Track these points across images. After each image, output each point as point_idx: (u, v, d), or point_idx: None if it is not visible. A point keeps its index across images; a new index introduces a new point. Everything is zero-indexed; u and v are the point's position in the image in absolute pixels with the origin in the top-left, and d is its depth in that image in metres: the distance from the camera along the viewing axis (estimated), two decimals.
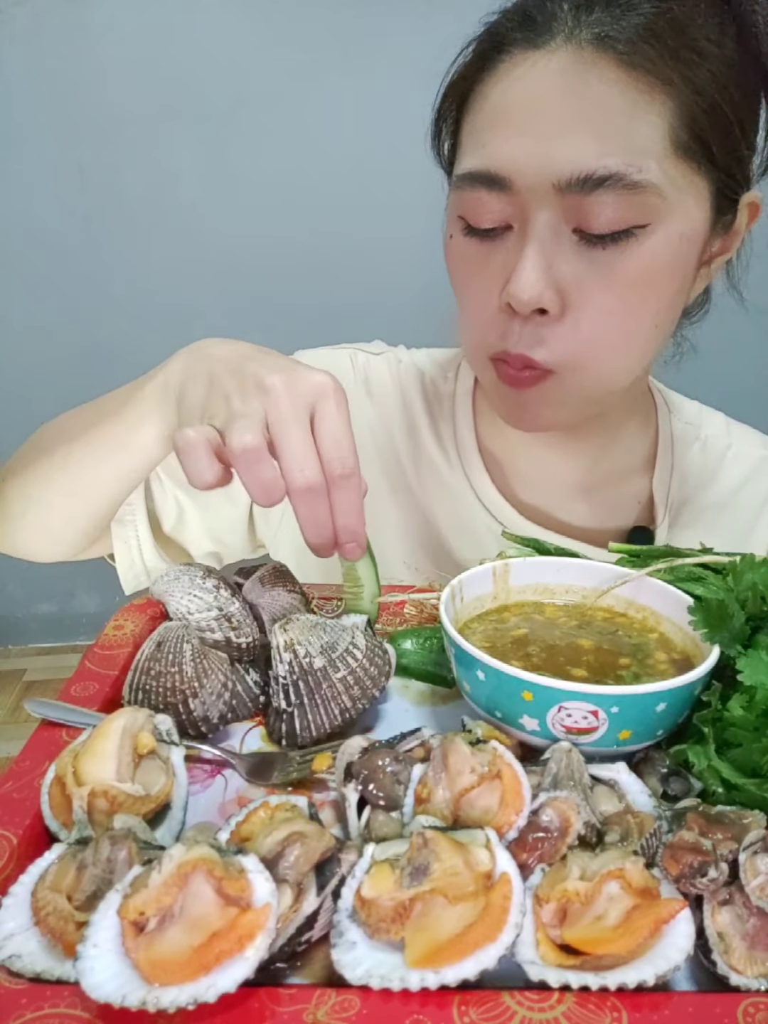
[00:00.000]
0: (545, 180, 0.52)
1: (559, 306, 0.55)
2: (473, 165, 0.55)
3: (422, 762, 0.41)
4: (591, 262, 0.54)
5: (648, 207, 0.52)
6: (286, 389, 0.46)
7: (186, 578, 0.52)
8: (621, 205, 0.51)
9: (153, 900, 0.31)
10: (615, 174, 0.50)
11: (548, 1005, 0.30)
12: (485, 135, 0.55)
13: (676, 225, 0.54)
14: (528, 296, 0.54)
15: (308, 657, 0.48)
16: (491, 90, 0.55)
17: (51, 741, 0.45)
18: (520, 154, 0.52)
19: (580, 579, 0.54)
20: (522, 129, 0.53)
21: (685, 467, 0.76)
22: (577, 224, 0.53)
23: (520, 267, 0.54)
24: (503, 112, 0.54)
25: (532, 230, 0.54)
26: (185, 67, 1.83)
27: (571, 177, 0.51)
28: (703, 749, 0.42)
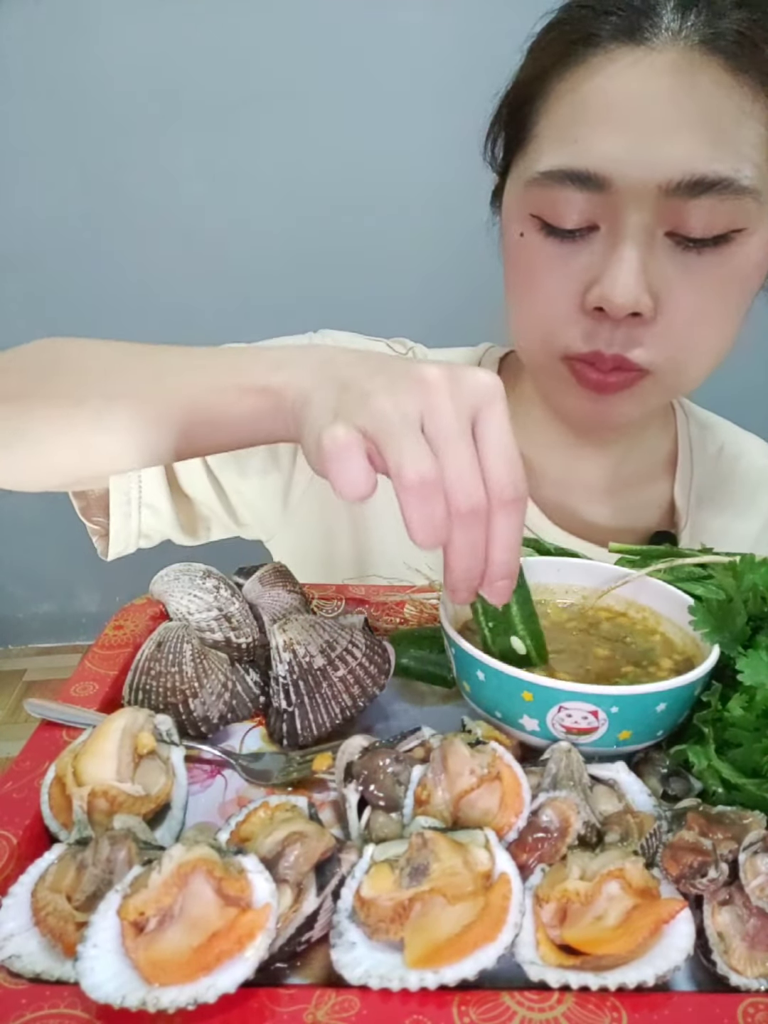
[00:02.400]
0: (650, 181, 0.50)
1: (653, 309, 0.54)
2: (563, 162, 0.52)
3: (422, 763, 0.41)
4: (685, 266, 0.53)
5: (747, 212, 0.51)
6: (449, 387, 0.38)
7: (186, 578, 0.52)
8: (724, 209, 0.51)
9: (153, 900, 0.31)
10: (725, 179, 0.49)
11: (548, 1005, 0.30)
12: (577, 130, 0.52)
13: (766, 229, 0.53)
14: (624, 300, 0.52)
15: (308, 656, 0.48)
16: (581, 84, 0.52)
17: (51, 741, 0.45)
18: (624, 153, 0.50)
19: (580, 579, 0.54)
20: (625, 127, 0.50)
21: (704, 471, 0.77)
22: (674, 227, 0.52)
23: (616, 270, 0.52)
24: (600, 108, 0.51)
25: (626, 232, 0.52)
26: (186, 67, 1.83)
27: (681, 180, 0.49)
28: (703, 749, 0.42)
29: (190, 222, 1.98)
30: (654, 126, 0.50)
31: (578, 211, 0.53)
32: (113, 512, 0.68)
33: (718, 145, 0.49)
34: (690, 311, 0.55)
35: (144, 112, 1.86)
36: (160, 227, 1.98)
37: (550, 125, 0.54)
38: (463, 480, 0.36)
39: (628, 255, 0.52)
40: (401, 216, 1.83)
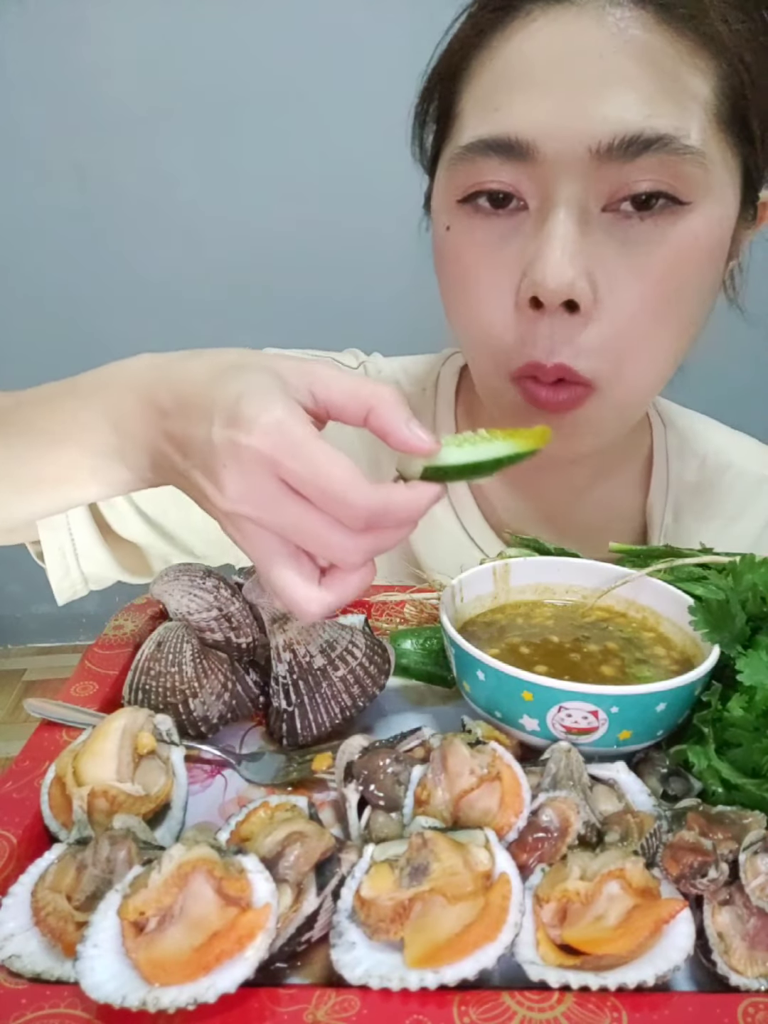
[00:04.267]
0: (580, 145, 0.45)
1: (591, 298, 0.47)
2: (485, 131, 0.47)
3: (422, 763, 0.41)
4: (623, 243, 0.47)
5: (691, 180, 0.46)
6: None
7: (186, 578, 0.52)
8: (665, 174, 0.45)
9: (153, 900, 0.31)
10: (664, 136, 0.44)
11: (548, 1005, 0.30)
12: (498, 97, 0.47)
13: (715, 207, 0.48)
14: (556, 283, 0.46)
15: (308, 656, 0.48)
16: (501, 50, 0.48)
17: (51, 741, 0.45)
18: (547, 116, 0.45)
19: (580, 579, 0.54)
20: (550, 88, 0.45)
21: (681, 488, 0.71)
22: (609, 199, 0.47)
23: (546, 249, 0.46)
24: (523, 71, 0.46)
25: (557, 205, 0.46)
26: (182, 66, 1.83)
27: (613, 140, 0.44)
28: (703, 749, 0.42)
29: (187, 221, 1.98)
30: (579, 84, 0.45)
31: (504, 187, 0.48)
32: (50, 567, 0.66)
33: (655, 99, 0.44)
34: (631, 300, 0.48)
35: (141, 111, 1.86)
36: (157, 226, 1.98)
37: (472, 98, 0.49)
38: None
39: (560, 231, 0.46)
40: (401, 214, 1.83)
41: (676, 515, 0.71)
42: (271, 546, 0.37)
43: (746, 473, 0.73)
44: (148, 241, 1.99)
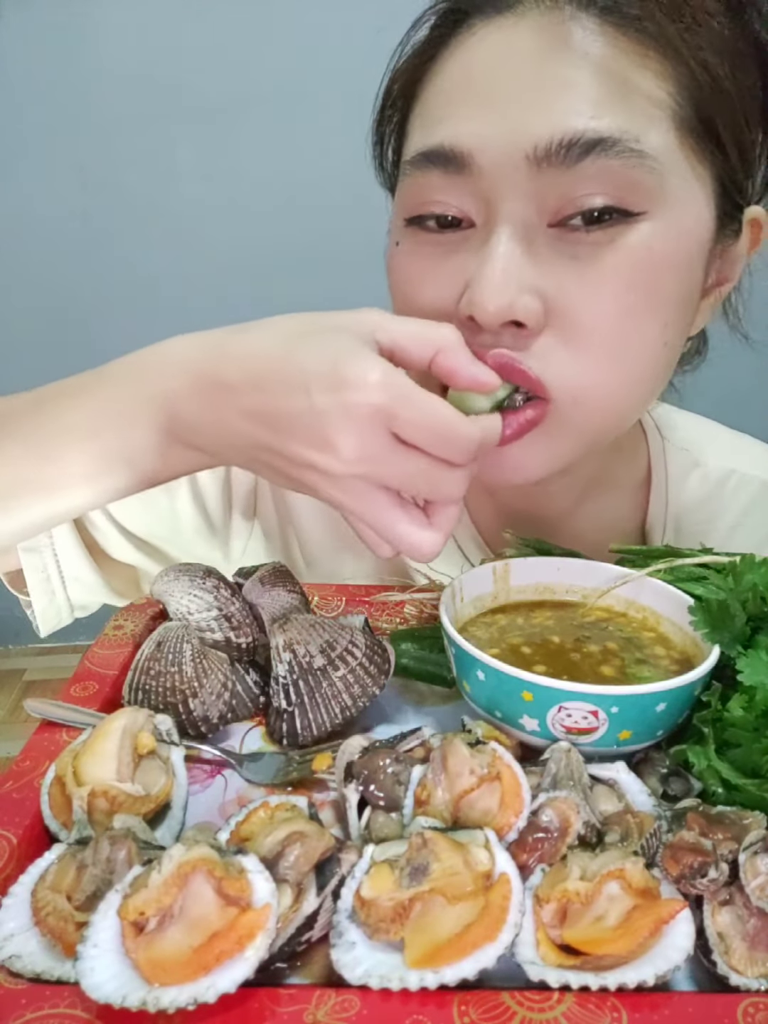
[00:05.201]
0: (517, 151, 0.42)
1: (539, 316, 0.44)
2: (425, 144, 0.46)
3: (422, 763, 0.41)
4: (573, 260, 0.44)
5: (644, 188, 0.42)
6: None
7: (186, 578, 0.52)
8: (612, 182, 0.42)
9: (153, 900, 0.31)
10: (607, 138, 0.41)
11: (548, 1005, 0.30)
12: (440, 111, 0.46)
13: (676, 217, 0.44)
14: (495, 306, 0.43)
15: (307, 656, 0.48)
16: (445, 66, 0.47)
17: (51, 741, 0.45)
18: (483, 125, 0.43)
19: (580, 579, 0.54)
20: (490, 98, 0.43)
21: (682, 503, 0.68)
22: (555, 212, 0.43)
23: (486, 269, 0.43)
24: (463, 84, 0.45)
25: (500, 223, 0.44)
26: (185, 66, 1.83)
27: (551, 143, 0.41)
28: (703, 749, 0.42)
29: (188, 221, 1.98)
30: (518, 91, 0.43)
31: (447, 202, 0.46)
32: (33, 592, 0.63)
33: (599, 103, 0.42)
34: (585, 317, 0.44)
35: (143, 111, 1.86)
36: (158, 226, 1.98)
37: (418, 115, 0.49)
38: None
39: (501, 249, 0.43)
40: None
41: (677, 530, 0.68)
42: (384, 501, 0.39)
43: (750, 479, 0.70)
44: (149, 241, 1.99)
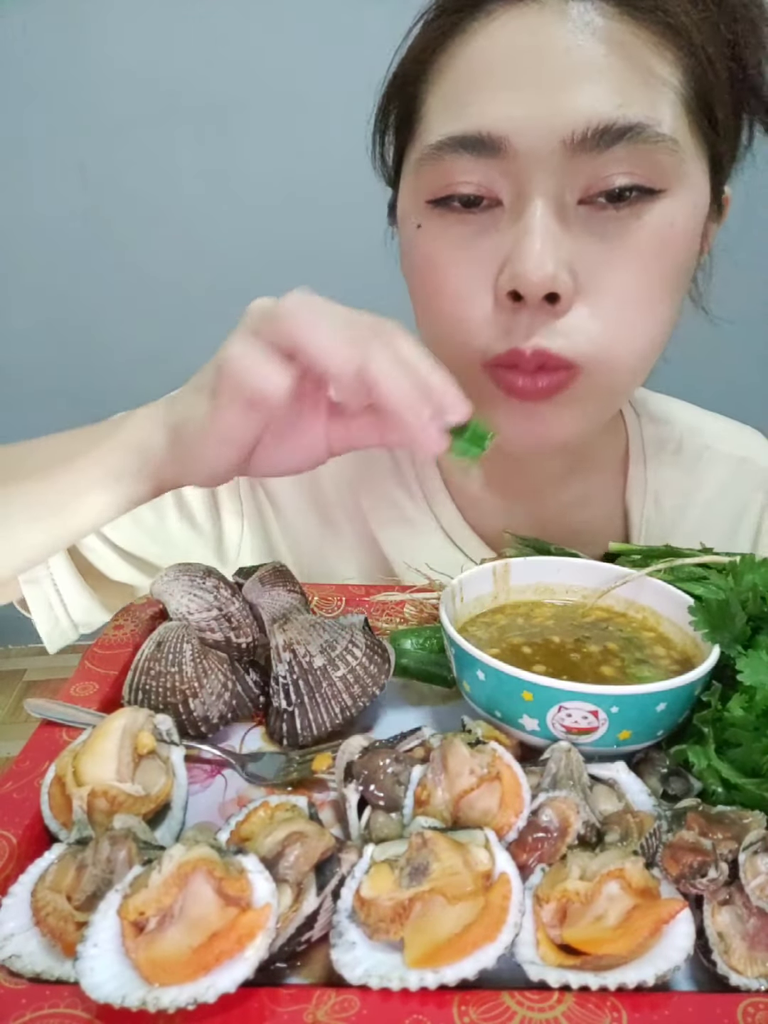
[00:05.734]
0: (553, 137, 0.44)
1: (572, 289, 0.47)
2: (455, 128, 0.46)
3: (422, 763, 0.41)
4: (603, 235, 0.47)
5: (665, 168, 0.46)
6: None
7: (186, 578, 0.52)
8: (639, 163, 0.45)
9: (153, 900, 0.31)
10: (636, 125, 0.44)
11: (548, 1005, 0.30)
12: (466, 96, 0.47)
13: (689, 194, 0.48)
14: (540, 276, 0.45)
15: (308, 656, 0.48)
16: (465, 50, 0.47)
17: (51, 741, 0.45)
18: (518, 110, 0.44)
19: (580, 579, 0.54)
20: (517, 83, 0.45)
21: (659, 477, 0.71)
22: (585, 191, 0.46)
23: (526, 243, 0.45)
24: (488, 68, 0.46)
25: (533, 199, 0.46)
26: (186, 66, 1.83)
27: (587, 130, 0.44)
28: (703, 749, 0.42)
29: (189, 221, 1.98)
30: (549, 78, 0.45)
31: (477, 182, 0.47)
32: (38, 619, 0.66)
33: (627, 87, 0.44)
34: (614, 288, 0.48)
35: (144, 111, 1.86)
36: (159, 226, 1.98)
37: (436, 99, 0.49)
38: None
39: (539, 224, 0.45)
40: None
41: (657, 504, 0.71)
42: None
43: (722, 454, 0.73)
44: (151, 241, 1.99)
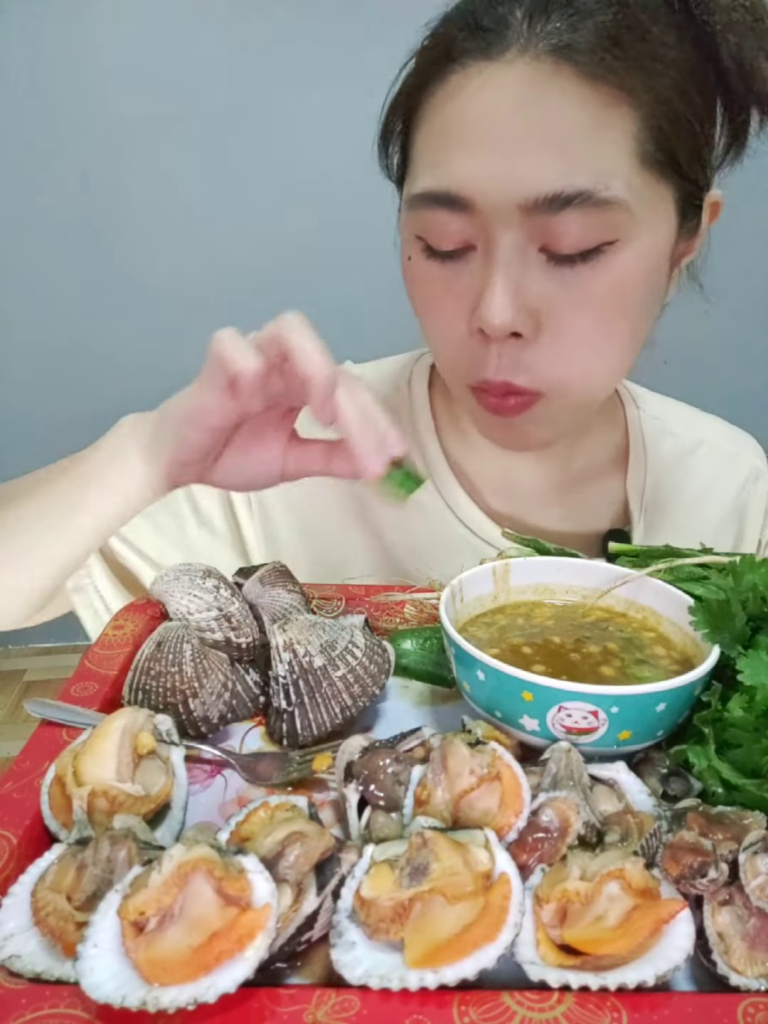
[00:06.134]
0: (509, 201, 0.49)
1: (533, 328, 0.53)
2: (430, 185, 0.52)
3: (422, 763, 0.41)
4: (561, 281, 0.52)
5: (616, 223, 0.50)
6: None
7: (186, 578, 0.52)
8: (589, 223, 0.50)
9: (153, 900, 0.31)
10: (583, 192, 0.48)
11: (548, 1005, 0.30)
12: (441, 153, 0.52)
13: (645, 238, 0.52)
14: (500, 321, 0.52)
15: (308, 656, 0.48)
16: (444, 104, 0.52)
17: (51, 741, 0.45)
18: (481, 174, 0.50)
19: (580, 579, 0.54)
20: (481, 148, 0.50)
21: (658, 464, 0.76)
22: (544, 243, 0.51)
23: (489, 292, 0.52)
24: (459, 129, 0.51)
25: (498, 252, 0.52)
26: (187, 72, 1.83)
27: (537, 197, 0.49)
28: (703, 749, 0.42)
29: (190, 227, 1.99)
30: (506, 144, 0.49)
31: (453, 233, 0.53)
32: (87, 625, 0.70)
33: (574, 157, 0.49)
34: (573, 327, 0.54)
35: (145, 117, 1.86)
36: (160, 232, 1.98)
37: (422, 148, 0.55)
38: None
39: (500, 276, 0.51)
40: None
41: (655, 491, 0.75)
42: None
43: (716, 450, 0.79)
44: (151, 247, 1.99)
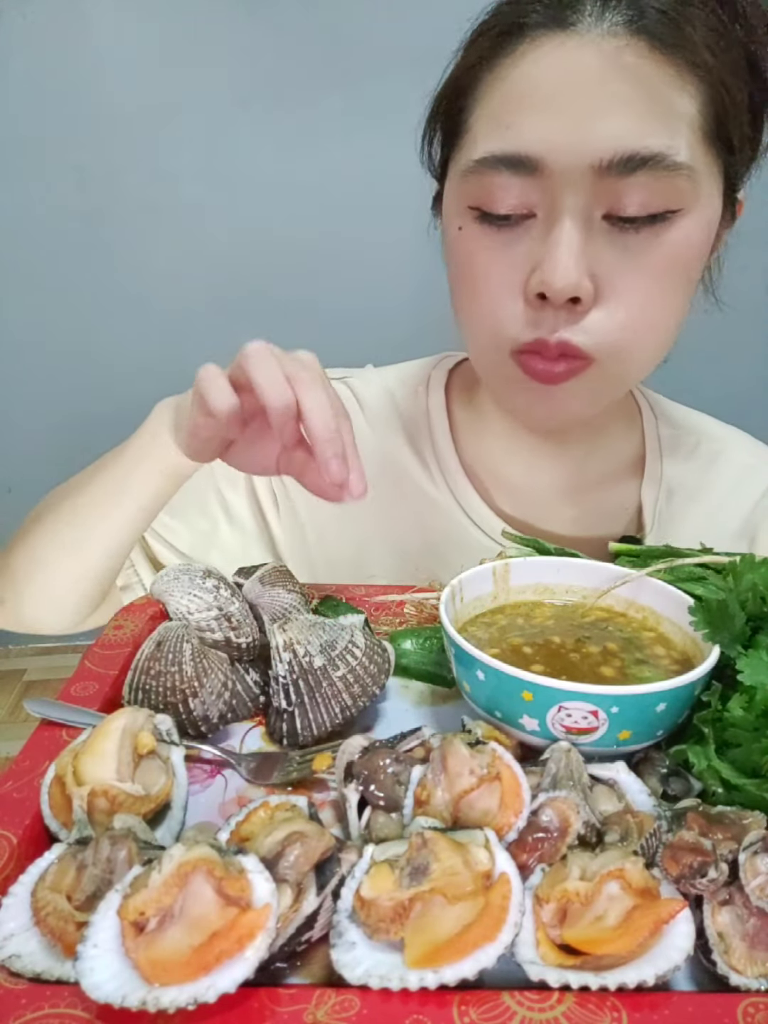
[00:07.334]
0: (583, 161, 0.50)
1: (592, 294, 0.53)
2: (497, 147, 0.52)
3: (422, 763, 0.41)
4: (624, 248, 0.53)
5: (682, 191, 0.51)
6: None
7: (186, 578, 0.52)
8: (658, 188, 0.51)
9: (153, 900, 0.31)
10: (657, 154, 0.49)
11: (548, 1005, 0.30)
12: (509, 117, 0.52)
13: (704, 211, 0.54)
14: (564, 283, 0.51)
15: (307, 656, 0.48)
16: (511, 72, 0.53)
17: (51, 741, 0.45)
18: (555, 135, 0.50)
19: (580, 579, 0.54)
20: (556, 109, 0.51)
21: (673, 473, 0.76)
22: (610, 208, 0.52)
23: (555, 253, 0.52)
24: (530, 92, 0.52)
25: (563, 215, 0.52)
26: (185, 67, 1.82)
27: (613, 157, 0.49)
28: (703, 749, 0.42)
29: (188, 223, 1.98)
30: (583, 106, 0.50)
31: (514, 196, 0.53)
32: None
33: (648, 121, 0.50)
34: (631, 295, 0.54)
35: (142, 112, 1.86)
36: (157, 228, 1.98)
37: (482, 115, 0.55)
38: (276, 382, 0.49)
39: (566, 238, 0.52)
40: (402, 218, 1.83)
41: (669, 499, 0.75)
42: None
43: (735, 460, 0.78)
44: (148, 243, 1.99)
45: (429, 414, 0.76)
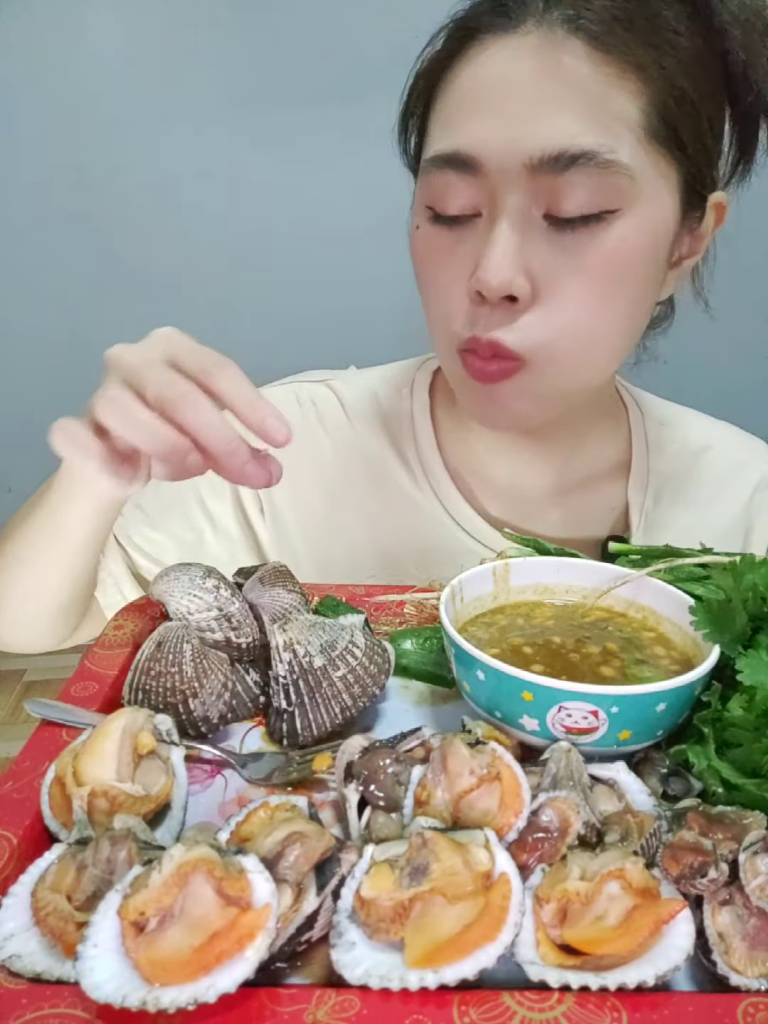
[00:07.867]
0: (516, 159, 0.51)
1: (529, 293, 0.53)
2: (441, 147, 0.54)
3: (422, 763, 0.41)
4: (562, 248, 0.53)
5: (619, 190, 0.51)
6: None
7: (186, 578, 0.52)
8: (593, 186, 0.51)
9: (153, 900, 0.31)
10: (588, 152, 0.50)
11: (548, 1005, 0.30)
12: (454, 118, 0.54)
13: (646, 212, 0.53)
14: (497, 281, 0.52)
15: (308, 656, 0.48)
16: (460, 75, 0.54)
17: (51, 741, 0.45)
18: (490, 134, 0.52)
19: (580, 579, 0.54)
20: (492, 110, 0.52)
21: (661, 472, 0.75)
22: (547, 208, 0.52)
23: (489, 252, 0.52)
24: (472, 94, 0.53)
25: (501, 214, 0.52)
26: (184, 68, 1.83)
27: (543, 155, 0.50)
28: (703, 749, 0.42)
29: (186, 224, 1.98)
30: (518, 106, 0.51)
31: (459, 196, 0.54)
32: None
33: (582, 119, 0.50)
34: (567, 296, 0.54)
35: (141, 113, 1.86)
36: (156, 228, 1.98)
37: (437, 118, 0.56)
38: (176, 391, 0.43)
39: (502, 236, 0.52)
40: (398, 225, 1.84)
41: (656, 498, 0.75)
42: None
43: (726, 455, 0.78)
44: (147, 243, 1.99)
45: (413, 416, 0.75)
